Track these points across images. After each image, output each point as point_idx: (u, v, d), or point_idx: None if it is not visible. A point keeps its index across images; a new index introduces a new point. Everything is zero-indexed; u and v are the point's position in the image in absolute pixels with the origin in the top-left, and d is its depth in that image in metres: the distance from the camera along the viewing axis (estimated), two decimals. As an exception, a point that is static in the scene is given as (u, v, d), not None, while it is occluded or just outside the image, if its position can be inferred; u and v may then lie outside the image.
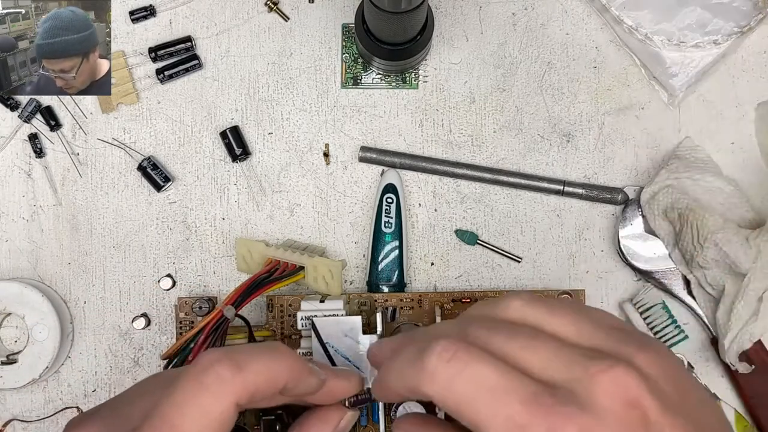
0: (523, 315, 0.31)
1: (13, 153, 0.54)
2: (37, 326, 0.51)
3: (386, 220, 0.51)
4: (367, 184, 0.53)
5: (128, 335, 0.53)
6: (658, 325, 0.50)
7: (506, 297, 0.32)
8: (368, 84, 0.53)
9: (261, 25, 0.54)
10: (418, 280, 0.53)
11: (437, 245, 0.53)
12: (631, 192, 0.52)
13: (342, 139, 0.53)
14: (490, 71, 0.53)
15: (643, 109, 0.53)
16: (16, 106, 0.53)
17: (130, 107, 0.53)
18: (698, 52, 0.52)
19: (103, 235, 0.53)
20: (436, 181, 0.53)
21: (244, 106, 0.53)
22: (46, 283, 0.53)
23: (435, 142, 0.53)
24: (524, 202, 0.53)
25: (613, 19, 0.52)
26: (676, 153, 0.51)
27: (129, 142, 0.53)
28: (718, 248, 0.47)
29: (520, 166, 0.53)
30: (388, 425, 0.45)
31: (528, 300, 0.31)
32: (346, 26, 0.54)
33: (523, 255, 0.53)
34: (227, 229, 0.53)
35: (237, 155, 0.52)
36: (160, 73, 0.53)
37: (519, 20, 0.53)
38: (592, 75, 0.53)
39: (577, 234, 0.53)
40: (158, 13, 0.54)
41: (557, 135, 0.53)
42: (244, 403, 0.31)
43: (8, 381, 0.50)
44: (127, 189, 0.53)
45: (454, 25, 0.53)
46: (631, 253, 0.51)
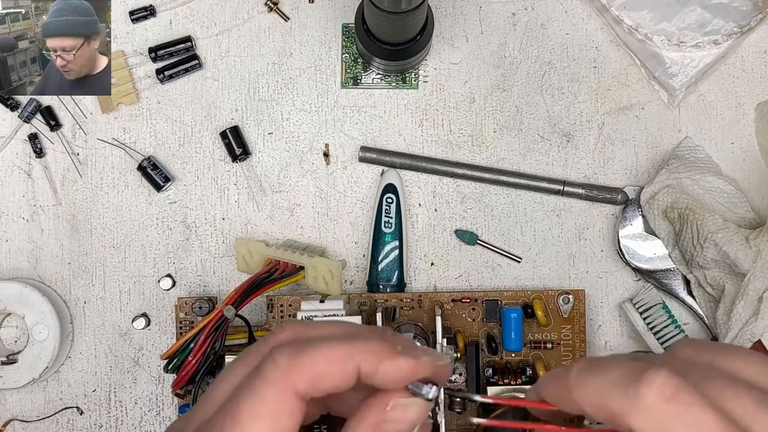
0: (742, 369, 0.28)
1: (13, 153, 0.54)
2: (37, 326, 0.51)
3: (386, 220, 0.51)
4: (367, 184, 0.53)
5: (128, 335, 0.53)
6: (658, 325, 0.50)
7: (733, 349, 0.29)
8: (368, 84, 0.53)
9: (261, 25, 0.54)
10: (418, 280, 0.53)
11: (437, 245, 0.53)
12: (631, 192, 0.52)
13: (342, 139, 0.53)
14: (490, 71, 0.53)
15: (643, 109, 0.53)
16: (16, 106, 0.53)
17: (130, 107, 0.53)
18: (698, 52, 0.52)
19: (103, 235, 0.53)
20: (436, 181, 0.53)
21: (244, 106, 0.53)
22: (46, 283, 0.53)
23: (435, 142, 0.53)
24: (524, 202, 0.53)
25: (613, 19, 0.52)
26: (676, 153, 0.51)
27: (129, 142, 0.53)
28: (718, 248, 0.47)
29: (520, 166, 0.53)
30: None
31: (751, 357, 0.28)
32: (346, 26, 0.54)
33: (523, 255, 0.53)
34: (227, 229, 0.53)
35: (237, 155, 0.52)
36: (160, 73, 0.53)
37: (519, 20, 0.53)
38: (592, 75, 0.53)
39: (577, 234, 0.53)
40: (158, 13, 0.54)
41: (557, 135, 0.53)
42: (309, 392, 0.28)
43: (8, 381, 0.50)
44: (127, 189, 0.53)
45: (454, 25, 0.53)
46: (631, 253, 0.51)
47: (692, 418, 0.25)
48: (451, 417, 0.48)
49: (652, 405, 0.26)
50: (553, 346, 0.50)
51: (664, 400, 0.26)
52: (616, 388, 0.27)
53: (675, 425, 0.25)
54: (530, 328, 0.50)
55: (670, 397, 0.26)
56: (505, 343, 0.49)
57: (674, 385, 0.26)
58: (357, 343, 0.28)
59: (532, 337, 0.50)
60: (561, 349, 0.50)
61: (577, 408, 0.28)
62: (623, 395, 0.27)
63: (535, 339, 0.50)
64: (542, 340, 0.50)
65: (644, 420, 0.26)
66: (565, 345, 0.50)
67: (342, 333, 0.30)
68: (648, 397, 0.26)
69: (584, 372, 0.28)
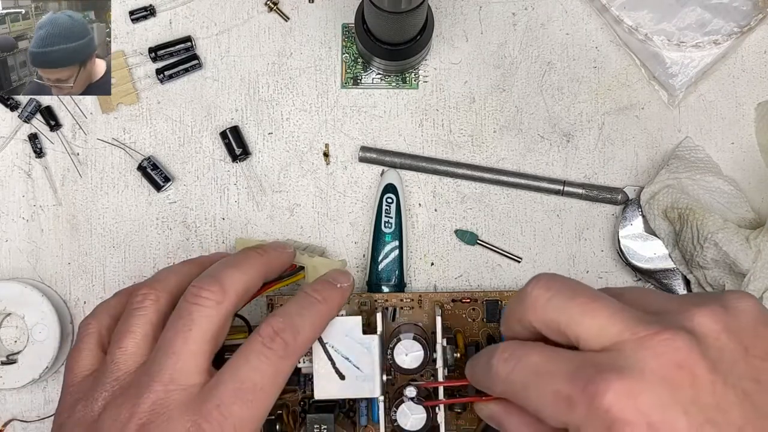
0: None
1: (13, 153, 0.54)
2: (37, 326, 0.51)
3: (386, 220, 0.51)
4: (367, 184, 0.53)
5: (128, 335, 0.53)
6: (658, 325, 0.50)
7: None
8: (368, 84, 0.53)
9: (261, 25, 0.54)
10: (418, 280, 0.53)
11: (437, 245, 0.53)
12: (631, 192, 0.52)
13: (342, 139, 0.53)
14: (490, 71, 0.53)
15: (643, 109, 0.53)
16: (16, 106, 0.53)
17: (130, 107, 0.53)
18: (698, 52, 0.52)
19: (103, 235, 0.53)
20: (436, 181, 0.53)
21: (244, 106, 0.53)
22: (46, 283, 0.53)
23: (435, 142, 0.53)
24: (524, 202, 0.53)
25: (613, 19, 0.52)
26: (676, 153, 0.51)
27: (129, 142, 0.53)
28: (718, 248, 0.47)
29: (520, 166, 0.53)
30: (388, 425, 0.45)
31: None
32: (346, 26, 0.54)
33: (523, 255, 0.53)
34: (227, 229, 0.53)
35: (237, 155, 0.52)
36: (160, 73, 0.53)
37: (519, 20, 0.53)
38: (592, 75, 0.53)
39: (577, 234, 0.53)
40: (158, 13, 0.54)
41: (557, 135, 0.53)
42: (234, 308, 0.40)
43: (8, 381, 0.50)
44: (127, 189, 0.53)
45: (454, 25, 0.53)
46: (631, 253, 0.51)
47: (523, 364, 0.33)
48: (451, 417, 0.48)
49: (498, 368, 0.33)
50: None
51: (503, 362, 0.33)
52: (482, 367, 0.35)
53: (513, 376, 0.33)
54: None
55: (507, 358, 0.33)
56: (505, 343, 0.49)
57: (510, 347, 0.34)
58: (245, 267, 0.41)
59: (532, 337, 0.50)
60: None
61: (478, 386, 0.37)
62: (485, 370, 0.35)
63: (535, 339, 0.50)
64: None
65: (497, 382, 0.34)
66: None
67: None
68: (494, 365, 0.34)
69: (474, 360, 0.38)
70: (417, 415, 0.44)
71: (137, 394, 0.36)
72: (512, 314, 0.35)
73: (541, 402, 0.31)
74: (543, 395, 0.31)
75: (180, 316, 0.38)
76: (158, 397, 0.36)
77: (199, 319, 0.38)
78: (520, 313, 0.34)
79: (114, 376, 0.38)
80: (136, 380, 0.37)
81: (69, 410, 0.38)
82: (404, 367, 0.44)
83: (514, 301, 0.35)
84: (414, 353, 0.44)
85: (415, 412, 0.44)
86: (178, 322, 0.38)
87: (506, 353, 0.33)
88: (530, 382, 0.31)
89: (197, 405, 0.36)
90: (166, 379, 0.36)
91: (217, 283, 0.39)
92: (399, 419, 0.44)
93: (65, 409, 0.39)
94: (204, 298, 0.38)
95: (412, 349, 0.44)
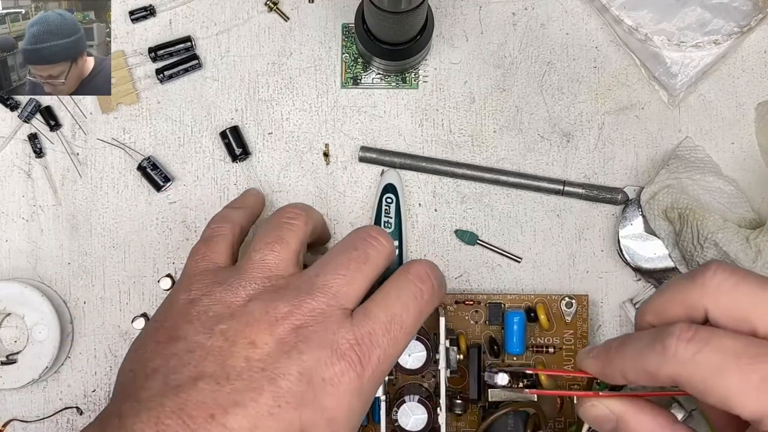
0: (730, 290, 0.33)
1: (13, 153, 0.53)
2: (37, 326, 0.51)
3: (386, 220, 0.51)
4: (367, 184, 0.53)
5: (128, 335, 0.53)
6: (658, 325, 0.50)
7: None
8: (368, 84, 0.53)
9: (261, 25, 0.54)
10: (419, 280, 0.53)
11: (437, 245, 0.53)
12: (631, 192, 0.52)
13: (342, 139, 0.53)
14: (490, 71, 0.53)
15: (643, 109, 0.53)
16: (16, 106, 0.53)
17: (130, 107, 0.53)
18: (698, 52, 0.52)
19: (103, 235, 0.53)
20: (436, 181, 0.53)
21: (244, 106, 0.53)
22: (46, 283, 0.53)
23: (435, 142, 0.53)
24: (524, 202, 0.53)
25: (613, 19, 0.52)
26: (676, 153, 0.51)
27: (129, 142, 0.53)
28: (718, 248, 0.47)
29: (520, 166, 0.53)
30: (389, 425, 0.45)
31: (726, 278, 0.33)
32: (346, 26, 0.54)
33: (523, 255, 0.53)
34: (227, 229, 0.53)
35: (237, 155, 0.52)
36: (159, 73, 0.53)
37: (519, 20, 0.53)
38: (592, 75, 0.53)
39: (577, 234, 0.53)
40: (158, 13, 0.54)
41: (557, 135, 0.53)
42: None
43: (8, 381, 0.50)
44: (127, 189, 0.53)
45: (454, 25, 0.53)
46: (631, 253, 0.51)
47: (714, 345, 0.30)
48: (451, 419, 0.48)
49: (678, 349, 0.30)
50: (555, 351, 0.50)
51: (686, 342, 0.30)
52: (646, 348, 0.32)
53: (701, 357, 0.30)
54: (532, 331, 0.50)
55: (691, 338, 0.30)
56: (507, 346, 0.49)
57: (692, 328, 0.30)
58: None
59: (534, 340, 0.50)
60: (563, 354, 0.50)
61: (620, 374, 0.33)
62: (653, 352, 0.31)
63: (537, 343, 0.50)
64: (544, 344, 0.50)
65: (674, 365, 0.30)
66: (566, 349, 0.50)
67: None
68: (672, 345, 0.30)
69: (620, 345, 0.34)
70: (418, 415, 0.44)
71: (296, 296, 0.38)
72: (675, 300, 0.33)
73: (741, 388, 0.29)
74: (745, 381, 0.28)
75: (355, 247, 0.40)
76: (319, 306, 0.38)
77: (375, 257, 0.40)
78: (694, 299, 0.32)
79: (265, 275, 0.39)
80: (294, 285, 0.39)
81: (204, 289, 0.40)
82: (406, 367, 0.44)
83: (682, 287, 0.33)
84: (416, 354, 0.44)
85: (416, 413, 0.44)
86: (352, 252, 0.40)
87: (689, 333, 0.30)
88: (728, 365, 0.29)
89: (352, 327, 0.37)
90: (330, 294, 0.38)
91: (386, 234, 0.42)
92: (400, 419, 0.45)
93: (198, 288, 0.40)
94: (379, 241, 0.41)
95: (414, 350, 0.44)
